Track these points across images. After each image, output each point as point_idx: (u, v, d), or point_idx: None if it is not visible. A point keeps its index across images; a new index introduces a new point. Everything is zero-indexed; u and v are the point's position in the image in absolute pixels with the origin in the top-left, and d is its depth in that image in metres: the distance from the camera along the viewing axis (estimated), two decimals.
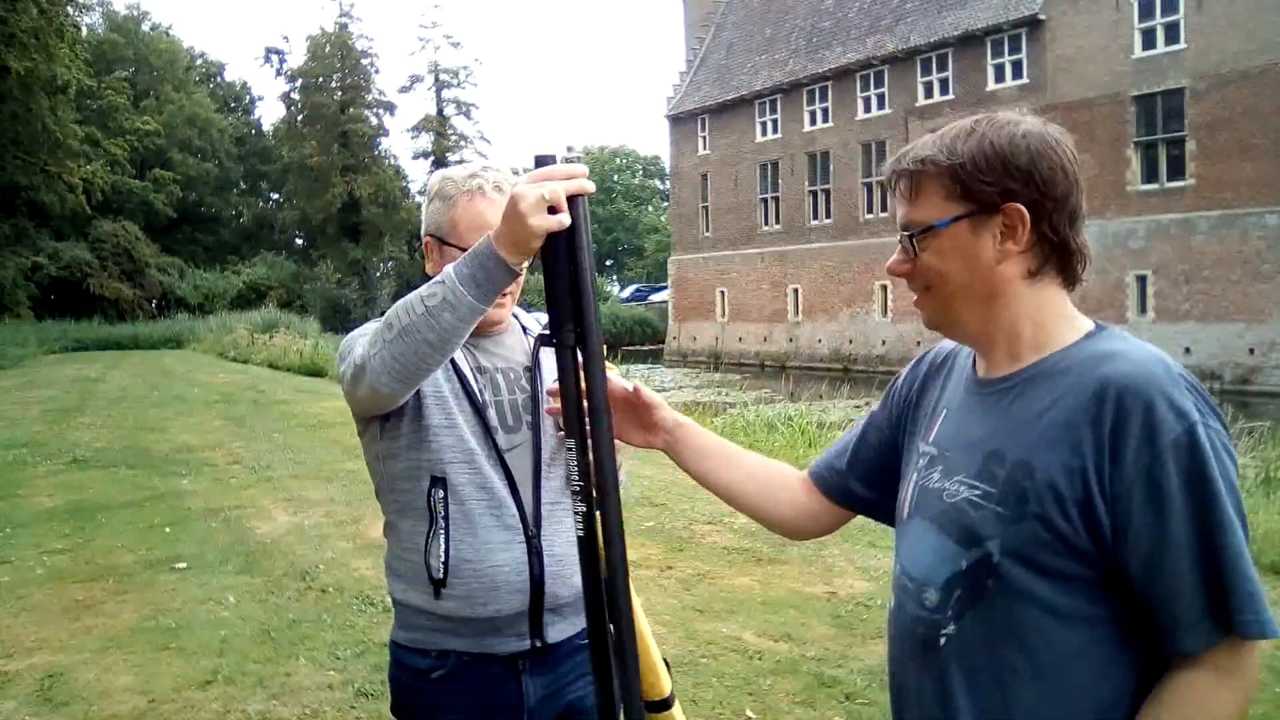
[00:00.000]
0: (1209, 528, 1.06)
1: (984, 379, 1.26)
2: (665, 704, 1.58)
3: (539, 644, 1.70)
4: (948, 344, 1.40)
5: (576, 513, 1.20)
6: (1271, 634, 1.07)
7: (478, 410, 1.70)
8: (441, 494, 1.68)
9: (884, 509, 1.41)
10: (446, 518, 1.67)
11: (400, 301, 1.47)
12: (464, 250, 1.47)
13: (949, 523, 1.20)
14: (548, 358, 1.73)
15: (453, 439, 1.68)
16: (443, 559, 1.65)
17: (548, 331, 1.75)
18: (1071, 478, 1.10)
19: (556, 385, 1.22)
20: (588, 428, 1.19)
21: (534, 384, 1.77)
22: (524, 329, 1.86)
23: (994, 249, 1.18)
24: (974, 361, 1.30)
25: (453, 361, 1.70)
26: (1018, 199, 1.16)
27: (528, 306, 2.03)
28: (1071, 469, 1.10)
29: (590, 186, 1.23)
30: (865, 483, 1.44)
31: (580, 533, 1.20)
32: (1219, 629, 1.07)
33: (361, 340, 1.59)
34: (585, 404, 1.19)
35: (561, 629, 1.73)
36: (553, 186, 1.20)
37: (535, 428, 1.75)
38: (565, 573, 1.69)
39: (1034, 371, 1.19)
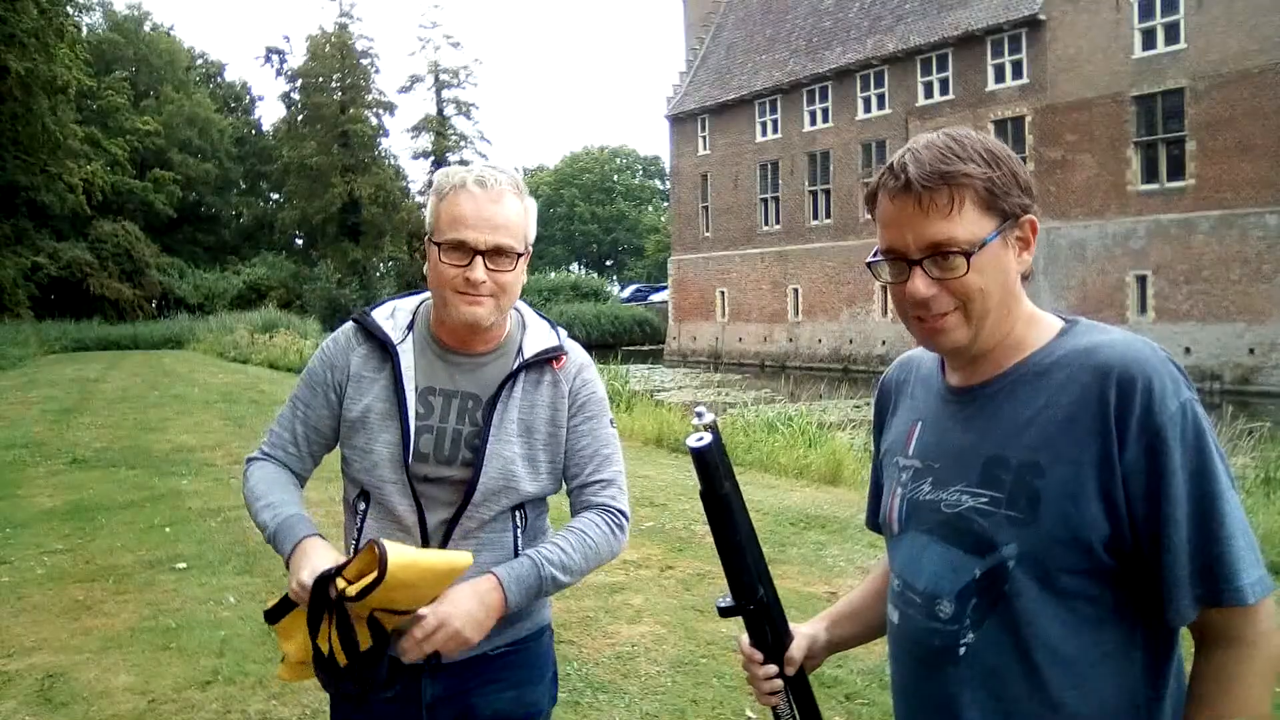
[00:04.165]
0: (1208, 495, 1.08)
1: (960, 387, 1.25)
2: None
3: (435, 660, 1.59)
4: (902, 361, 1.40)
5: None
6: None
7: (403, 434, 1.64)
8: (364, 507, 1.70)
9: None
10: (360, 531, 1.69)
11: (252, 501, 1.70)
12: (439, 245, 1.60)
13: (954, 533, 1.19)
14: (524, 391, 1.69)
15: (369, 462, 1.67)
16: None
17: (546, 354, 1.72)
18: (1083, 470, 1.10)
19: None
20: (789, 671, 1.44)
21: (488, 419, 1.66)
22: (520, 350, 1.72)
23: (1014, 260, 1.18)
24: (941, 369, 1.29)
25: (398, 378, 1.66)
26: (1029, 211, 1.17)
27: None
28: (1082, 463, 1.10)
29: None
30: None
31: None
32: (1220, 596, 1.08)
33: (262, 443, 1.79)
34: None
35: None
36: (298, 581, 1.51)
37: (476, 464, 1.64)
38: None
39: (1017, 374, 1.19)
